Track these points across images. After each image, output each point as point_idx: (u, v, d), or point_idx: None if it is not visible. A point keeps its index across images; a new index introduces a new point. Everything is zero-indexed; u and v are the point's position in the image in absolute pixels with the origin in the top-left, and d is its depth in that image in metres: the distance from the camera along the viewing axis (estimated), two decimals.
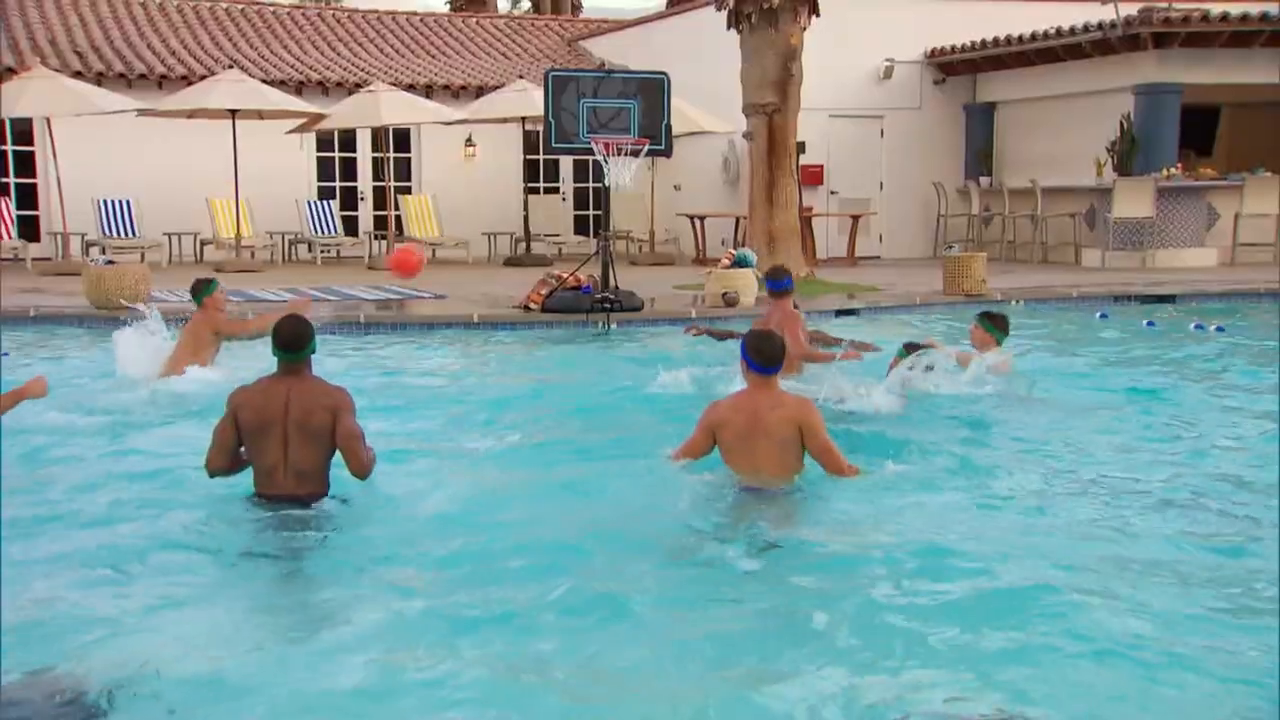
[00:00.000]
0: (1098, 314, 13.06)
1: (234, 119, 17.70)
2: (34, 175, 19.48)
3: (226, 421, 5.41)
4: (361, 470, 5.37)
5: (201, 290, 8.73)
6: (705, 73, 19.12)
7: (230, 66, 19.90)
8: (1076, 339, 11.56)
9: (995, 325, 8.43)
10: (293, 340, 5.41)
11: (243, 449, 5.44)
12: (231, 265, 17.66)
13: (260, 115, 18.41)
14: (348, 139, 21.50)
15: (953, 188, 20.91)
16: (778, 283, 8.54)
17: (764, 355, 5.66)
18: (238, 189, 17.81)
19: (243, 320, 9.27)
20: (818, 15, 15.99)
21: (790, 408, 5.65)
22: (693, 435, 5.81)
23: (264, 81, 19.38)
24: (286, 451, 5.32)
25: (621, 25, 24.68)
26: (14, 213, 18.63)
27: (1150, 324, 12.49)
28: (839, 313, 13.22)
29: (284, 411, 5.31)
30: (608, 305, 12.24)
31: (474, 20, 26.09)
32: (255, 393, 5.44)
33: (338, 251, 20.18)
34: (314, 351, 5.50)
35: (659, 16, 24.04)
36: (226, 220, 18.80)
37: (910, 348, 7.82)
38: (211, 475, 5.47)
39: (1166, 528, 5.25)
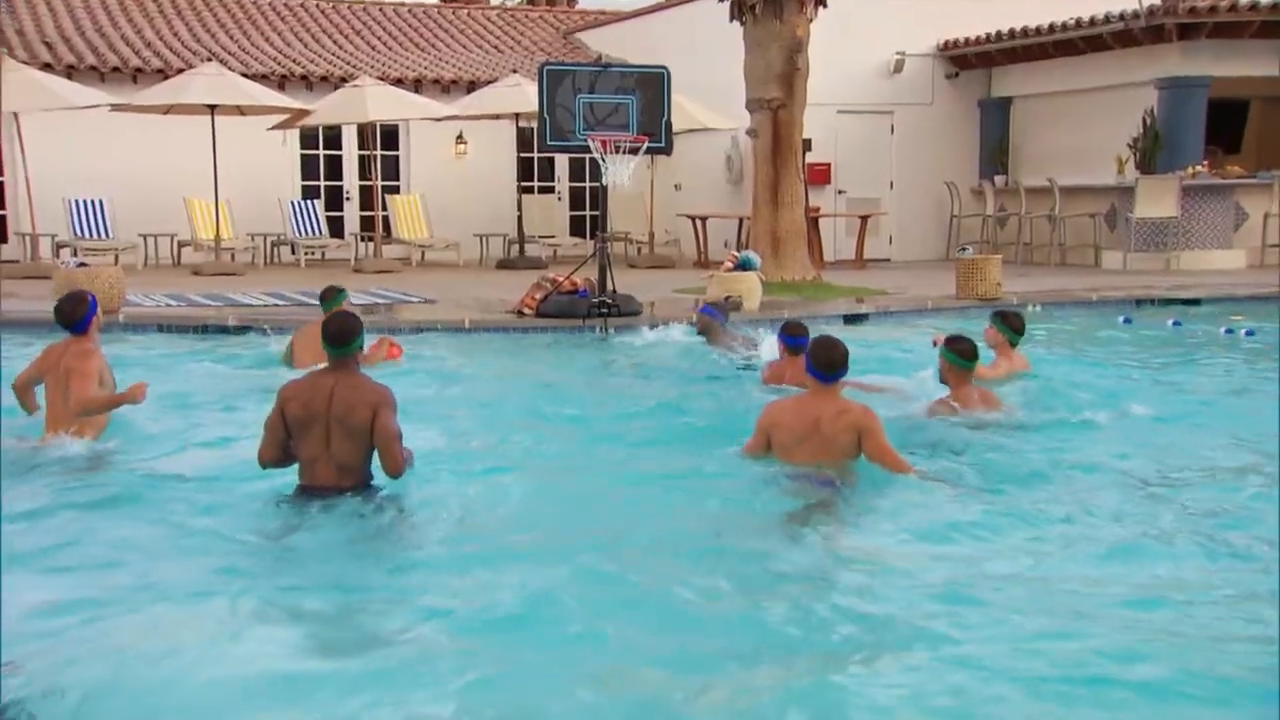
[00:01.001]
0: (1120, 319, 13.07)
1: (213, 115, 17.72)
2: (0, 173, 19.52)
3: (275, 414, 5.75)
4: (396, 469, 5.66)
5: (331, 299, 9.13)
6: (707, 66, 19.16)
7: (209, 59, 19.93)
8: (1097, 344, 11.58)
9: (1008, 325, 8.45)
10: (338, 335, 5.76)
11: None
12: (210, 268, 17.68)
13: (240, 111, 18.44)
14: (333, 136, 21.53)
15: (966, 187, 20.94)
16: (796, 339, 8.46)
17: (826, 363, 6.07)
18: (217, 188, 17.83)
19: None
20: (824, 6, 16.06)
21: (854, 414, 6.09)
22: (752, 437, 6.26)
23: (244, 75, 19.41)
24: (329, 445, 5.67)
25: (619, 17, 24.73)
26: None
27: (1176, 324, 12.53)
28: (847, 318, 13.24)
29: (327, 406, 5.66)
30: (605, 310, 12.26)
31: (465, 12, 26.14)
32: (302, 386, 5.80)
33: (322, 254, 20.19)
34: (361, 348, 5.89)
35: (658, 8, 24.08)
36: (205, 221, 18.82)
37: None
38: (264, 467, 5.82)
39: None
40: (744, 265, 13.43)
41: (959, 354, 7.25)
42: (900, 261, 20.55)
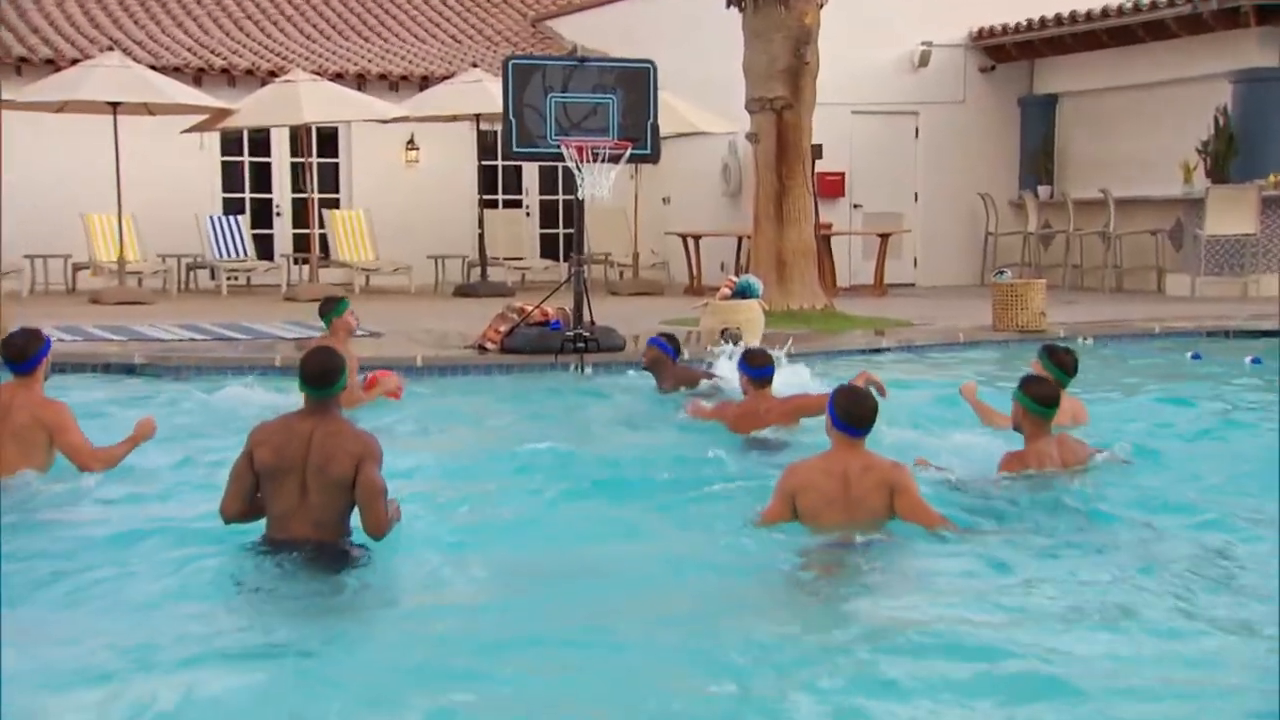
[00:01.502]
0: (1188, 354, 13.11)
1: (115, 114, 17.72)
2: None
3: (243, 461, 5.93)
4: (379, 529, 5.87)
5: (330, 310, 9.79)
6: (701, 60, 19.26)
7: (110, 48, 19.94)
8: (1162, 385, 11.60)
9: (1056, 362, 8.36)
10: (319, 375, 5.94)
11: (258, 493, 5.98)
12: (113, 295, 17.64)
13: (149, 110, 18.46)
14: (260, 140, 21.57)
15: (1004, 199, 21.06)
16: (760, 370, 8.88)
17: (854, 417, 6.31)
18: (120, 201, 17.82)
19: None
20: None
21: (883, 470, 6.34)
22: (770, 503, 6.45)
23: (153, 67, 19.43)
24: (304, 497, 5.84)
25: (597, 2, 24.86)
26: None
27: (1255, 361, 12.58)
28: (864, 353, 13.27)
29: (304, 454, 5.83)
30: (581, 345, 12.28)
31: None
32: (276, 431, 5.95)
33: (248, 279, 20.19)
34: (343, 388, 6.06)
35: None
36: (106, 240, 18.80)
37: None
38: (227, 521, 5.99)
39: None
40: (743, 292, 13.45)
41: (1035, 398, 7.18)
42: (926, 287, 20.63)
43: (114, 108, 17.71)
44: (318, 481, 5.80)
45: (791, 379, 9.87)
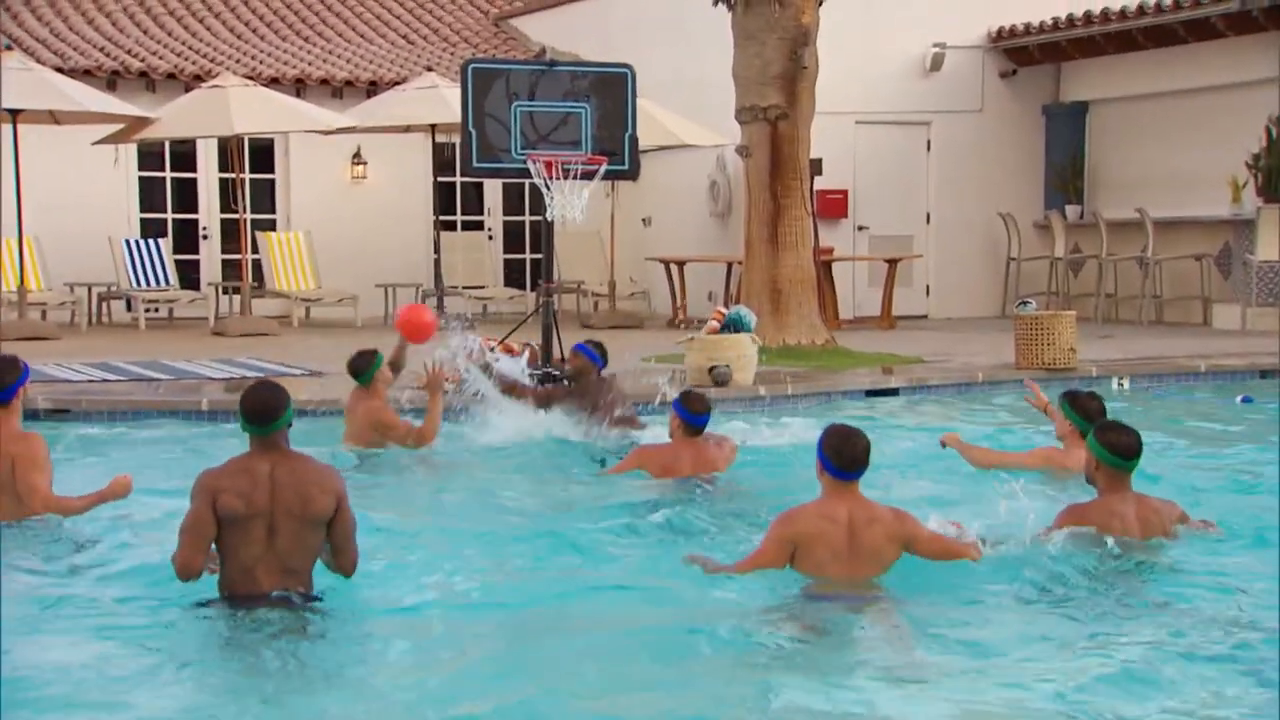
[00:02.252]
0: (1238, 399, 13.16)
1: (15, 122, 17.64)
2: None
3: (203, 511, 6.00)
4: (354, 566, 6.27)
5: (369, 366, 10.04)
6: (684, 65, 19.33)
7: (8, 48, 19.91)
8: (1208, 431, 11.66)
9: (1079, 409, 8.29)
10: (261, 413, 6.13)
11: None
12: (13, 330, 17.49)
13: (54, 118, 18.46)
14: (184, 154, 21.56)
15: (1028, 220, 21.14)
16: (697, 417, 9.13)
17: (846, 458, 6.42)
18: (21, 222, 17.72)
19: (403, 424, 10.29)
20: None
21: (887, 523, 6.47)
22: (763, 548, 6.58)
23: (59, 70, 19.43)
24: (273, 544, 6.04)
25: None
26: None
27: (1246, 400, 12.70)
28: (870, 393, 13.31)
29: (270, 497, 6.03)
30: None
31: None
32: (234, 474, 6.09)
33: (170, 310, 20.17)
34: (290, 424, 6.22)
35: None
36: (5, 267, 18.75)
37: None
38: (189, 579, 6.09)
39: None
40: (734, 325, 13.50)
41: (1110, 447, 6.86)
42: (940, 320, 20.70)
43: (14, 116, 17.62)
44: (292, 524, 6.01)
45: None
